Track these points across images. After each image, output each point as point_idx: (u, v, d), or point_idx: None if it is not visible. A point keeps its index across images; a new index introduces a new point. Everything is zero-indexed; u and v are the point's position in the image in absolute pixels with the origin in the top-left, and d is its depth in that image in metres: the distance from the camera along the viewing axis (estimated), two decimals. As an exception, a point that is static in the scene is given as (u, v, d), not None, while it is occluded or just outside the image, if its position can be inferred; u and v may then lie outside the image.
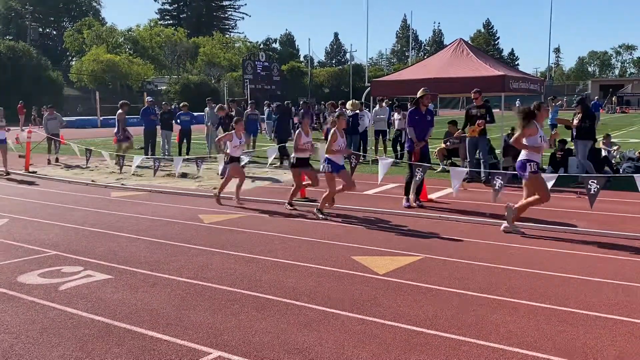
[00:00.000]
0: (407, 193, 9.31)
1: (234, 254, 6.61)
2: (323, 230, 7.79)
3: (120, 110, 16.23)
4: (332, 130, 8.56)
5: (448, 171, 10.16)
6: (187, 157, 14.66)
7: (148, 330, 4.38)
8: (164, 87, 64.42)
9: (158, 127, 17.61)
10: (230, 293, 5.23)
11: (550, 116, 17.83)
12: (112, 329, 4.42)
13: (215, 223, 8.34)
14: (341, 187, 8.74)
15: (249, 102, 20.33)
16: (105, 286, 5.46)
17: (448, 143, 13.75)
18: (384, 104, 16.90)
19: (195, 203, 10.12)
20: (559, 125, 13.81)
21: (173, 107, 18.81)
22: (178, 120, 17.83)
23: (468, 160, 11.99)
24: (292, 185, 9.58)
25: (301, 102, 19.54)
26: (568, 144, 12.61)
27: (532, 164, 7.14)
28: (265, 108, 25.12)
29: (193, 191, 11.41)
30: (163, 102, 20.20)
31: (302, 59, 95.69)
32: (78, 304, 4.99)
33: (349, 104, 16.89)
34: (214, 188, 10.93)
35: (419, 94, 9.26)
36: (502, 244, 6.96)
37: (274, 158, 12.96)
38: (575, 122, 11.37)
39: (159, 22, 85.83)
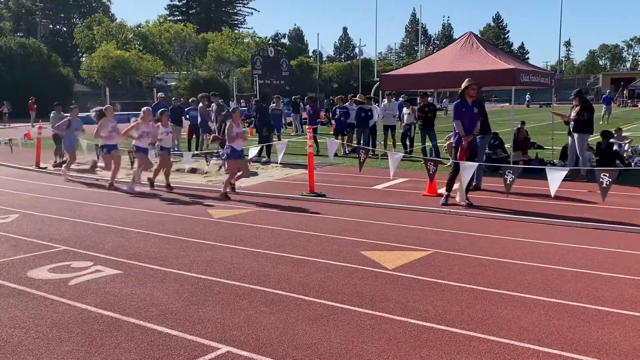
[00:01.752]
0: (449, 189, 8.94)
1: (242, 248, 6.60)
2: (332, 226, 7.77)
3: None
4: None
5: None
6: (196, 152, 14.66)
7: (157, 325, 4.38)
8: (174, 83, 64.61)
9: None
10: (239, 288, 5.22)
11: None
12: (121, 324, 4.42)
13: (224, 218, 8.34)
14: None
15: (274, 96, 20.11)
16: (115, 281, 5.47)
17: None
18: (393, 98, 16.78)
19: (203, 198, 10.12)
20: (555, 119, 13.60)
21: (181, 102, 18.79)
22: (187, 116, 17.85)
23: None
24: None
25: (306, 97, 19.48)
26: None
27: None
28: (272, 104, 25.05)
29: (202, 186, 11.41)
30: (173, 98, 20.23)
31: (311, 54, 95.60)
32: (87, 298, 5.00)
33: (358, 98, 16.90)
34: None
35: (463, 85, 8.81)
36: (512, 238, 6.91)
37: (255, 155, 12.84)
38: (573, 114, 11.27)
39: (168, 18, 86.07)
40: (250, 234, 7.35)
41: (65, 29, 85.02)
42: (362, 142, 15.84)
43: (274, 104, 18.91)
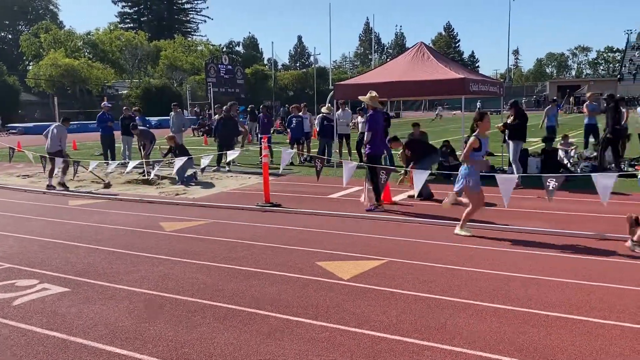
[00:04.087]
0: (377, 199, 9.34)
1: (195, 262, 6.49)
2: (287, 236, 7.73)
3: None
4: None
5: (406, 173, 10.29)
6: (146, 161, 14.37)
7: (106, 345, 4.24)
8: (125, 92, 63.31)
9: (117, 133, 17.28)
10: (192, 304, 5.12)
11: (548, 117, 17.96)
12: (68, 345, 4.27)
13: (177, 231, 8.20)
14: None
15: (230, 103, 19.04)
16: (62, 300, 5.28)
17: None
18: (347, 107, 16.87)
19: (156, 210, 9.93)
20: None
21: (133, 112, 18.40)
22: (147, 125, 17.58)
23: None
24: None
25: (261, 107, 19.28)
26: (526, 145, 12.84)
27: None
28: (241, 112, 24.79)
29: (154, 198, 11.20)
30: (124, 107, 19.78)
31: (265, 62, 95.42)
32: (32, 319, 4.81)
33: (324, 109, 16.91)
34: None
35: (372, 96, 9.39)
36: (465, 245, 7.02)
37: (209, 165, 12.67)
38: (509, 122, 11.71)
39: (119, 26, 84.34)
40: (203, 247, 7.24)
41: (10, 37, 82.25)
42: (325, 151, 15.90)
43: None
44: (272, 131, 20.24)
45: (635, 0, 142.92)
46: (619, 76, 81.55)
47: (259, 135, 17.68)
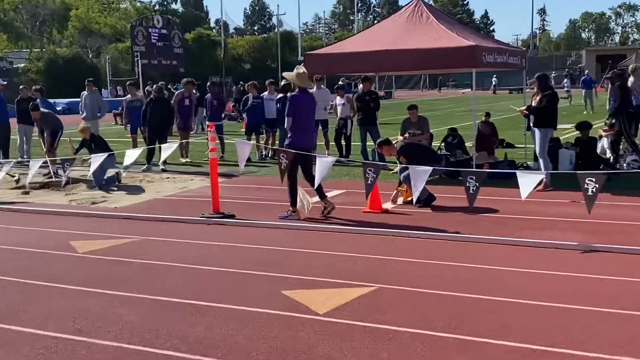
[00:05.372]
0: (294, 205, 9.69)
1: (118, 294, 6.41)
2: (244, 257, 7.69)
3: None
4: None
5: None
6: (50, 158, 14.10)
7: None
8: (23, 65, 62.37)
9: (13, 121, 17.01)
10: (115, 350, 5.04)
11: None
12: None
13: (93, 252, 8.10)
14: None
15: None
16: None
17: (407, 135, 13.88)
18: (323, 85, 16.85)
19: (65, 225, 9.82)
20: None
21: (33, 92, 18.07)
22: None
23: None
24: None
25: (208, 84, 19.16)
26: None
27: None
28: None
29: (63, 208, 11.05)
30: (21, 86, 19.47)
31: (213, 24, 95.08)
32: None
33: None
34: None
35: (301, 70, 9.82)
36: (477, 266, 7.06)
37: (136, 163, 12.57)
38: (533, 104, 11.68)
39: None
40: (130, 273, 7.14)
41: None
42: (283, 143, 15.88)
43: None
44: (223, 117, 20.12)
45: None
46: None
47: (206, 123, 17.48)
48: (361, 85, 16.12)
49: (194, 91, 18.44)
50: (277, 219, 9.59)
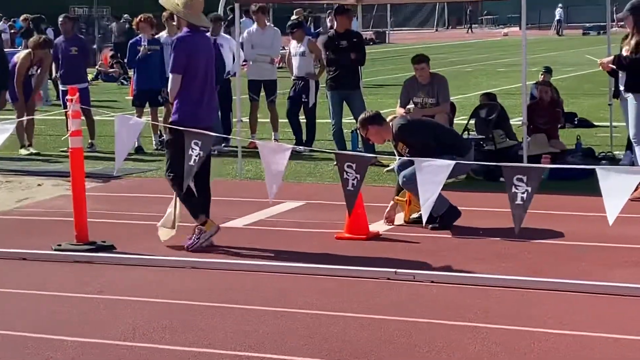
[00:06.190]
0: (196, 216, 7.26)
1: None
2: (129, 320, 5.28)
3: None
4: None
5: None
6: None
7: None
8: None
9: None
10: None
11: None
12: None
13: None
14: None
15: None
16: None
17: (411, 107, 10.66)
18: (268, 22, 13.55)
19: None
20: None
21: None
22: None
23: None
24: None
25: (60, 19, 13.99)
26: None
27: None
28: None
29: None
30: None
31: None
32: None
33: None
34: None
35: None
36: (526, 329, 4.90)
37: None
38: (625, 54, 8.95)
39: None
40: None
41: None
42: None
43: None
44: (96, 76, 16.58)
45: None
46: None
47: (60, 87, 13.42)
48: (333, 21, 12.69)
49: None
50: (182, 251, 7.05)
